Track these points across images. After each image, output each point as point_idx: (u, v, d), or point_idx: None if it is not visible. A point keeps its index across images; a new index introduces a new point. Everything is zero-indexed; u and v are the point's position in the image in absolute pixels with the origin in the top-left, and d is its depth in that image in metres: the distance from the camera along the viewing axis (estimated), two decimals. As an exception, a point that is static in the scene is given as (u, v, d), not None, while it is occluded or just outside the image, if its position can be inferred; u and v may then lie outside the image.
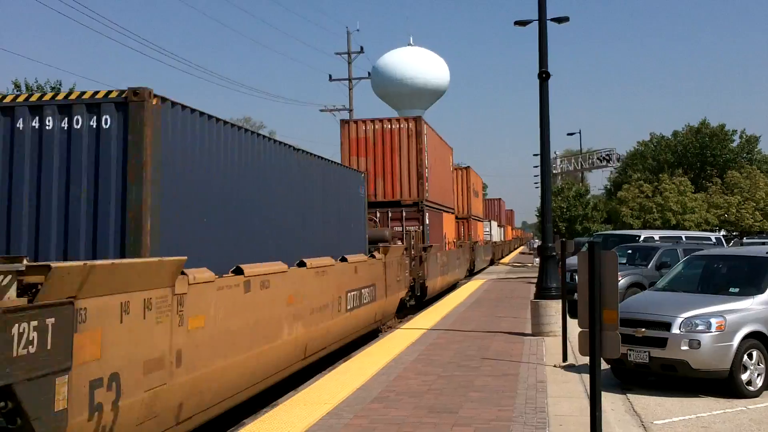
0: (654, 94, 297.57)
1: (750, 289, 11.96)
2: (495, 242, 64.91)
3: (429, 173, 27.04)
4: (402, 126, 26.21)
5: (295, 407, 10.16)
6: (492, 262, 59.32)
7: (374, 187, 25.35)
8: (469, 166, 45.81)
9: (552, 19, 21.92)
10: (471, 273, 43.56)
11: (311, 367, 14.37)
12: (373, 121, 26.27)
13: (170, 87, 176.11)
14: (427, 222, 26.14)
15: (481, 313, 21.64)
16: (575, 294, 8.48)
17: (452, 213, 36.06)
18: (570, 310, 14.99)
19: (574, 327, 10.38)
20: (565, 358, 13.49)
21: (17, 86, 43.69)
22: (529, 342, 15.83)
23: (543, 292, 17.15)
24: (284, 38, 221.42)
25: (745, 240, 45.67)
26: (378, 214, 24.96)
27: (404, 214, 25.26)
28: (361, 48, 54.43)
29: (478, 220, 50.75)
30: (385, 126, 26.14)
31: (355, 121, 26.54)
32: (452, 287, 34.49)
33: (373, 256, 19.17)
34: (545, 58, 17.88)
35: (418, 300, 25.63)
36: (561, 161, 77.60)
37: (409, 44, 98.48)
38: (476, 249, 45.81)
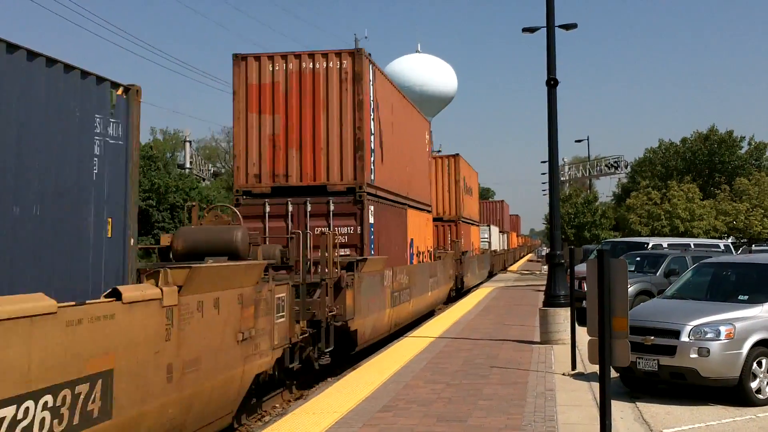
0: (662, 100, 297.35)
1: (759, 296, 11.92)
2: (495, 251, 54.55)
3: (378, 144, 18.57)
4: (331, 65, 17.30)
5: (304, 416, 10.18)
6: (491, 275, 50.49)
7: (286, 164, 17.19)
8: (458, 154, 36.46)
9: (560, 26, 21.96)
10: (458, 293, 33.79)
11: (319, 378, 14.18)
12: (285, 56, 17.38)
13: (175, 93, 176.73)
14: (372, 220, 17.52)
15: (490, 321, 21.61)
16: (584, 301, 8.50)
17: (427, 212, 27.08)
18: (579, 317, 14.98)
19: (582, 335, 10.41)
20: (574, 366, 13.47)
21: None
22: (537, 350, 15.81)
23: (551, 299, 17.14)
24: (292, 45, 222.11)
25: (753, 247, 45.54)
26: (290, 207, 16.94)
27: (332, 207, 16.92)
28: (369, 55, 54.57)
29: (472, 224, 41.65)
30: (304, 65, 17.27)
31: (257, 57, 17.40)
32: (427, 316, 24.97)
33: (117, 296, 7.51)
34: (553, 65, 17.91)
35: (338, 355, 15.50)
36: (569, 168, 77.61)
37: (417, 51, 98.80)
38: (465, 261, 35.23)
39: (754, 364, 11.10)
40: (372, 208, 17.65)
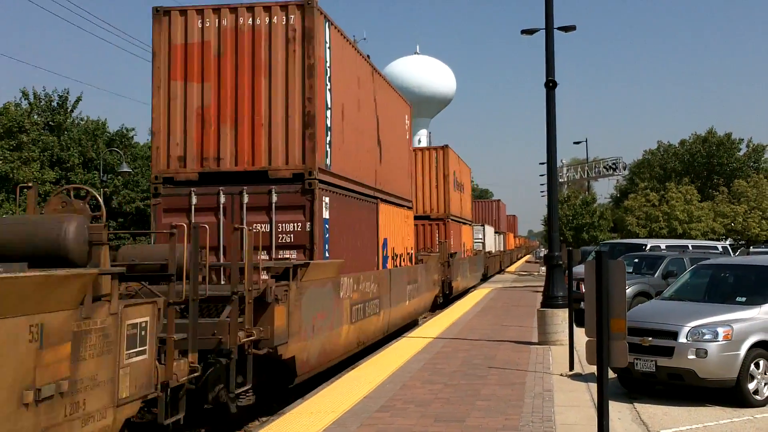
0: (661, 102, 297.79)
1: (757, 298, 11.94)
2: (490, 252, 51.10)
3: (337, 121, 15.14)
4: (275, 20, 13.99)
5: (301, 416, 10.17)
6: (485, 278, 47.36)
7: (217, 145, 13.90)
8: (446, 145, 32.70)
9: (559, 28, 21.96)
10: (446, 299, 30.72)
11: (318, 377, 13.85)
12: (217, 10, 14.19)
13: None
14: (326, 215, 14.23)
15: (488, 322, 21.62)
16: (582, 303, 8.50)
17: (407, 208, 23.04)
18: (577, 318, 14.99)
19: (580, 336, 10.41)
20: (571, 367, 13.48)
21: (25, 95, 43.96)
22: (535, 351, 15.81)
23: (549, 300, 17.15)
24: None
25: (751, 249, 45.59)
26: (222, 198, 13.71)
27: (274, 198, 13.64)
28: (368, 56, 54.65)
29: (464, 223, 37.90)
30: (242, 21, 14.05)
31: (183, 11, 14.28)
32: (408, 328, 21.82)
33: None
34: (552, 67, 17.90)
35: (273, 389, 12.70)
36: (567, 170, 77.62)
37: (416, 53, 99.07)
38: (454, 263, 31.65)
39: (752, 366, 11.11)
40: (327, 199, 14.27)
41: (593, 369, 7.93)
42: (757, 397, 11.14)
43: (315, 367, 13.68)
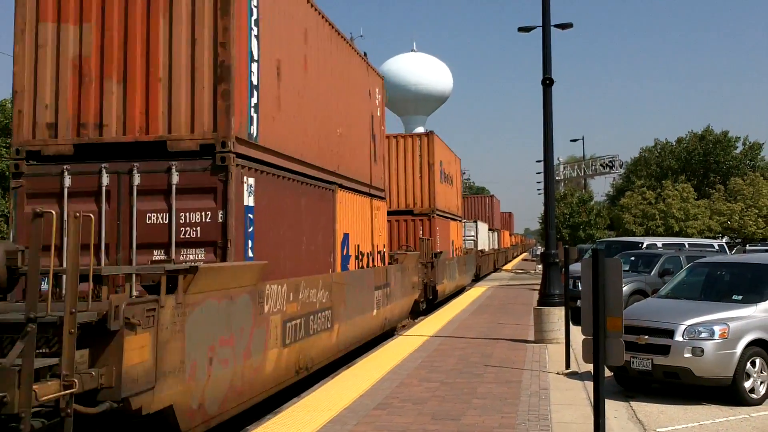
0: (658, 100, 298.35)
1: (753, 296, 11.95)
2: (483, 251, 47.87)
3: (271, 79, 11.68)
4: None
5: (299, 413, 10.18)
6: (477, 278, 44.34)
7: (99, 106, 10.41)
8: (431, 131, 29.21)
9: (556, 26, 21.99)
10: (430, 304, 27.08)
11: (316, 374, 13.75)
12: None
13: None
14: (250, 202, 10.68)
15: (484, 320, 21.62)
16: (578, 301, 8.51)
17: (378, 198, 19.73)
18: (573, 316, 15.01)
19: (577, 334, 10.45)
20: (568, 366, 13.49)
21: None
22: (531, 349, 15.82)
23: (546, 298, 17.16)
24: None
25: (748, 247, 45.67)
26: (105, 179, 10.23)
27: (175, 177, 10.15)
28: (365, 54, 54.56)
29: (453, 219, 34.39)
30: None
31: None
32: (380, 340, 18.36)
33: None
34: (549, 65, 17.91)
35: None
36: (564, 168, 77.63)
37: (413, 50, 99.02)
38: (440, 264, 28.13)
39: (748, 364, 11.12)
40: (251, 181, 10.75)
41: (589, 367, 7.95)
42: (753, 396, 11.15)
43: (218, 414, 9.65)
